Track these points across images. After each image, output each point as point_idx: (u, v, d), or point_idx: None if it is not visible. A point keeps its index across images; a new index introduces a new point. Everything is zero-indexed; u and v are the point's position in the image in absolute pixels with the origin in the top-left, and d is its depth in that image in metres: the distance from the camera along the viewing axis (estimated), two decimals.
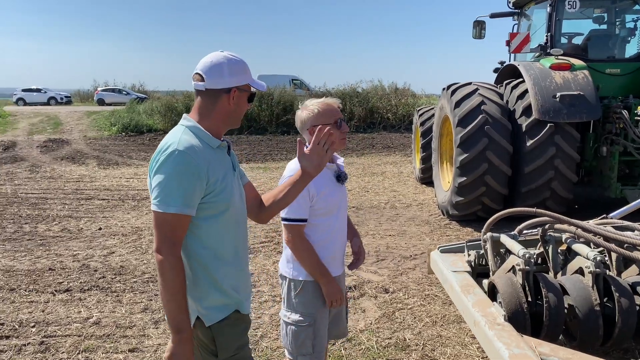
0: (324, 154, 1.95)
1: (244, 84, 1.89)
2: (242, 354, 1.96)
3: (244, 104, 1.93)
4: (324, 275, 2.37)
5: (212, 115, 1.89)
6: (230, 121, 1.94)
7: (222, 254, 1.90)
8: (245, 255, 2.05)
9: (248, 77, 1.91)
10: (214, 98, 1.87)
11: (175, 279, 1.74)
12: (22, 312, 4.24)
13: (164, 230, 1.75)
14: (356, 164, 12.50)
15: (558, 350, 2.31)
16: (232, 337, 1.93)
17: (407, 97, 22.59)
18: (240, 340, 1.97)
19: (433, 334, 3.82)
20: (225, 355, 1.91)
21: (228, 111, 1.90)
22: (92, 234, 6.54)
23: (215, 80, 1.84)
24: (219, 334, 1.89)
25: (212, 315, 1.88)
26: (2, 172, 11.26)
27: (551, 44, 6.93)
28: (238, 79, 1.87)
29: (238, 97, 1.89)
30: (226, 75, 1.85)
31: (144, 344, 3.71)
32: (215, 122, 1.90)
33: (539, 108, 6.05)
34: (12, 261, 5.48)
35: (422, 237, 6.34)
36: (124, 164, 12.60)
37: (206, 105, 1.89)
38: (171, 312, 1.77)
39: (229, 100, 1.87)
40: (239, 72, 1.88)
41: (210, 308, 1.88)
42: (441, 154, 7.78)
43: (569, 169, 6.12)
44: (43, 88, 40.41)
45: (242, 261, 2.01)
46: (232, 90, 1.86)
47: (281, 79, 26.16)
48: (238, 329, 1.96)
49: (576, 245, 3.04)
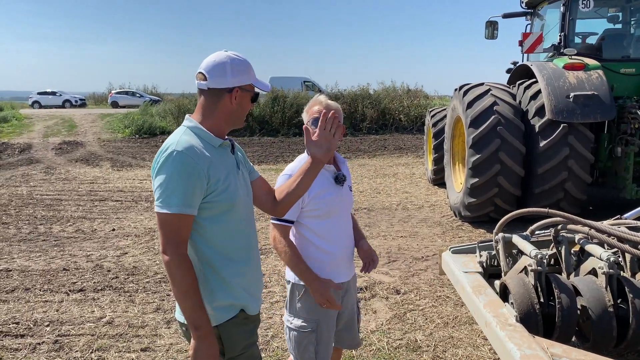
0: (331, 137, 1.96)
1: (246, 83, 1.90)
2: (249, 353, 1.97)
3: (246, 104, 1.93)
4: (304, 274, 2.31)
5: (214, 114, 1.90)
6: (232, 121, 1.94)
7: (229, 254, 1.90)
8: (255, 254, 2.04)
9: (251, 77, 1.91)
10: (216, 97, 1.88)
11: (184, 278, 1.75)
12: (37, 311, 4.29)
13: (168, 231, 1.77)
14: (368, 166, 12.48)
15: (570, 352, 2.28)
16: (239, 336, 1.93)
17: (419, 99, 22.54)
18: (248, 340, 1.97)
19: (444, 335, 3.80)
20: (232, 354, 1.91)
21: (230, 111, 1.90)
22: (106, 234, 6.61)
23: (218, 80, 1.85)
24: (226, 333, 1.89)
25: (220, 315, 1.88)
26: (18, 174, 11.42)
27: (565, 43, 6.86)
28: (240, 79, 1.87)
29: (241, 97, 1.89)
30: (229, 75, 1.85)
31: (156, 343, 3.73)
32: (218, 121, 1.90)
33: (552, 108, 6.00)
34: (27, 261, 5.55)
35: (434, 239, 6.31)
36: (137, 166, 12.70)
37: (208, 104, 1.89)
38: (186, 310, 1.78)
39: (231, 100, 1.88)
40: (242, 72, 1.88)
41: (218, 308, 1.88)
42: (453, 155, 7.75)
43: (583, 169, 6.05)
44: (58, 91, 40.90)
45: (252, 260, 2.00)
46: (234, 90, 1.87)
47: (293, 81, 26.22)
48: (246, 328, 1.96)
49: (589, 246, 3.00)
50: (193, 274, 1.78)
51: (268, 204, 2.13)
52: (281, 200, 2.09)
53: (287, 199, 2.07)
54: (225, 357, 1.90)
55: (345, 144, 16.61)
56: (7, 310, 4.31)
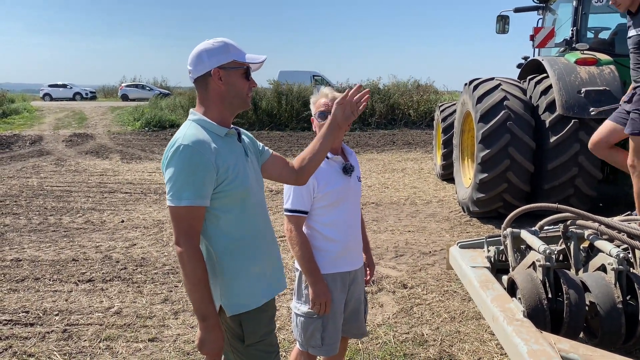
0: (355, 108, 2.03)
1: (227, 61, 1.89)
2: (268, 341, 2.00)
3: (237, 81, 1.92)
4: (312, 274, 2.34)
5: (210, 103, 1.92)
6: (229, 103, 1.94)
7: (245, 241, 1.92)
8: (272, 239, 2.06)
9: (232, 55, 1.90)
10: (204, 85, 1.91)
11: (195, 270, 1.78)
12: (46, 300, 4.33)
13: (180, 223, 1.80)
14: (376, 160, 12.45)
15: (578, 347, 2.27)
16: (259, 323, 1.96)
17: (429, 94, 22.41)
18: (267, 327, 2.00)
19: (451, 329, 3.80)
20: (252, 341, 1.94)
21: (221, 93, 1.91)
22: (115, 226, 6.65)
23: (198, 67, 1.89)
24: (246, 320, 1.92)
25: (241, 304, 1.91)
26: (29, 165, 11.51)
27: (577, 38, 6.78)
28: (219, 59, 1.88)
29: (225, 75, 1.89)
30: (205, 59, 1.88)
31: (164, 334, 3.76)
32: (217, 108, 1.92)
33: (563, 103, 5.94)
34: (37, 251, 5.61)
35: (442, 234, 6.29)
36: (147, 159, 12.76)
37: (202, 94, 1.93)
38: (195, 301, 1.81)
39: (216, 82, 1.89)
40: (219, 52, 1.89)
41: (239, 296, 1.91)
42: (462, 150, 7.70)
43: (594, 165, 5.99)
44: (69, 84, 41.18)
45: (268, 245, 2.02)
46: (212, 71, 1.88)
47: (303, 75, 26.19)
48: (266, 315, 1.99)
49: (599, 242, 2.97)
50: (204, 266, 1.81)
51: (288, 175, 2.14)
52: (302, 167, 2.10)
53: (308, 165, 2.09)
54: (245, 344, 1.93)
55: (354, 139, 16.58)
56: (17, 299, 4.36)
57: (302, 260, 2.35)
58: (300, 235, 2.36)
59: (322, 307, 2.33)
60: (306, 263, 2.35)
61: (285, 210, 2.41)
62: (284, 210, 2.43)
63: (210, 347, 1.82)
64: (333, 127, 2.03)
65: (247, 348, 1.94)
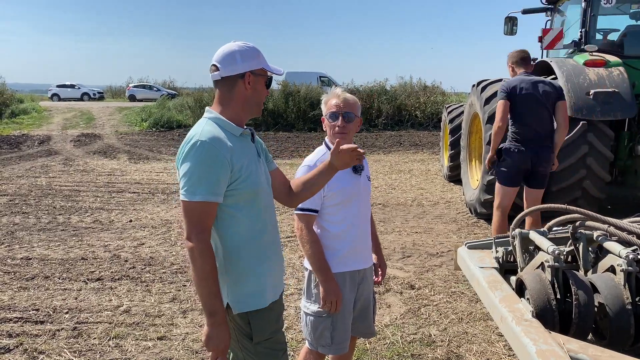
0: (354, 158, 2.02)
1: (257, 68, 1.94)
2: (275, 339, 2.01)
3: (261, 88, 1.97)
4: (323, 273, 2.35)
5: (231, 103, 1.94)
6: (249, 107, 1.97)
7: (255, 240, 1.94)
8: (277, 239, 2.09)
9: (262, 62, 1.95)
10: (230, 85, 1.92)
11: (205, 265, 1.79)
12: (56, 299, 4.37)
13: (192, 218, 1.81)
14: (383, 162, 12.45)
15: (587, 348, 2.27)
16: (267, 321, 1.97)
17: (436, 95, 22.37)
18: (275, 325, 2.02)
19: (459, 330, 3.80)
20: (260, 339, 1.95)
21: (246, 96, 1.94)
22: (123, 225, 6.69)
23: (229, 68, 1.90)
24: (254, 318, 1.93)
25: (250, 302, 1.93)
26: (38, 165, 11.59)
27: (585, 40, 6.76)
28: (251, 64, 1.91)
29: (254, 81, 1.93)
30: (239, 61, 1.89)
31: (172, 332, 3.78)
32: (236, 109, 1.94)
33: (571, 105, 5.91)
34: (46, 250, 5.65)
35: (449, 235, 6.28)
36: (154, 159, 12.82)
37: (224, 94, 1.94)
38: (203, 296, 1.82)
39: (245, 85, 1.92)
40: (251, 57, 1.92)
41: (247, 295, 1.92)
42: (470, 151, 7.69)
43: (602, 168, 5.96)
44: (77, 84, 41.39)
45: (275, 245, 2.05)
46: (246, 74, 1.90)
47: (309, 76, 26.21)
48: (273, 314, 2.01)
49: (608, 243, 2.97)
50: (213, 262, 1.82)
51: (283, 194, 2.20)
52: (297, 193, 2.17)
53: (302, 194, 2.17)
54: (253, 341, 1.94)
55: (361, 140, 16.58)
56: (28, 297, 4.40)
57: (313, 258, 2.36)
58: (311, 234, 2.38)
59: (332, 306, 2.34)
60: (317, 261, 2.36)
61: (295, 209, 2.42)
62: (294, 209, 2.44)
63: (216, 343, 1.83)
64: (330, 170, 2.06)
65: (255, 346, 1.95)
